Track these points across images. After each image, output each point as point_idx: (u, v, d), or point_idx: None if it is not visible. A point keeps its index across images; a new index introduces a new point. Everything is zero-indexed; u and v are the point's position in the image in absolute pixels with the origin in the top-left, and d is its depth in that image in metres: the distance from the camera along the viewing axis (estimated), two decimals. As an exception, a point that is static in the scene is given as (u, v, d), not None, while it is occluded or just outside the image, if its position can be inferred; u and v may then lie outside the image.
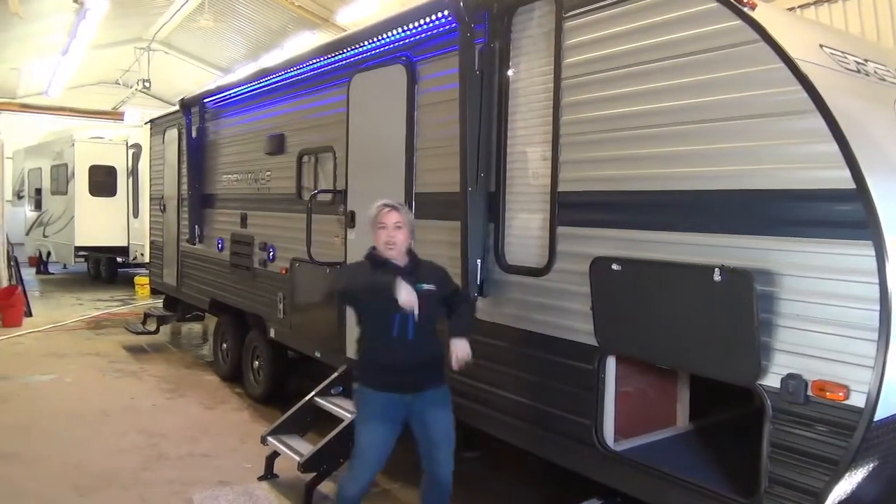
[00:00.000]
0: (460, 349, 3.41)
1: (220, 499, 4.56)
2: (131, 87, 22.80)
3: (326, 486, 4.65)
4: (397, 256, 3.45)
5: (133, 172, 15.05)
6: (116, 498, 4.60)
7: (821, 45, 3.00)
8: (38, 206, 17.25)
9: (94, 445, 5.55)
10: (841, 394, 2.48)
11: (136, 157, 14.85)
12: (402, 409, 3.47)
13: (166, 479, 4.91)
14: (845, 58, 3.03)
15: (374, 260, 3.48)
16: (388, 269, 3.39)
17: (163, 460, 5.28)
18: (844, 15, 9.11)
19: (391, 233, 3.40)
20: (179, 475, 4.97)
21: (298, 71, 6.02)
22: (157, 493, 4.67)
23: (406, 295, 3.18)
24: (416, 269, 3.47)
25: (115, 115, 22.09)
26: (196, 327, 10.96)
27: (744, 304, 2.64)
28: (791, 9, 8.38)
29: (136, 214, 14.95)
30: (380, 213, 3.45)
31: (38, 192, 17.15)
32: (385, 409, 3.45)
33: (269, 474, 4.89)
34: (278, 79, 6.38)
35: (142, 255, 14.55)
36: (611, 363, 3.34)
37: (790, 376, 2.61)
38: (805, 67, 2.61)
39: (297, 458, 4.49)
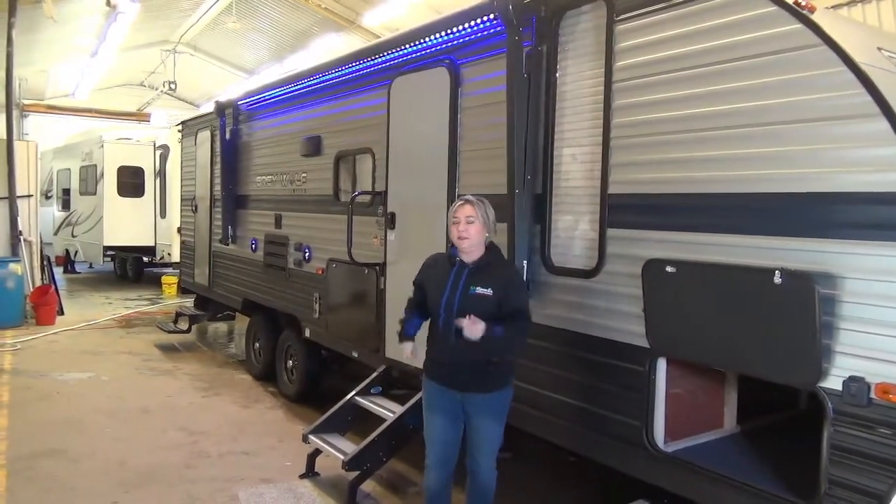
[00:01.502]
0: (473, 324, 3.24)
1: (264, 496, 4.62)
2: (157, 89, 23.05)
3: (369, 485, 4.70)
4: (469, 250, 3.48)
5: (160, 173, 15.26)
6: (163, 494, 4.67)
7: (879, 48, 3.00)
8: (66, 206, 17.51)
9: (137, 442, 5.65)
10: (905, 397, 2.48)
11: (164, 158, 15.06)
12: (458, 404, 3.54)
13: (210, 476, 4.98)
14: (903, 61, 3.02)
15: (450, 254, 3.59)
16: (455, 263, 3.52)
17: (204, 457, 5.35)
18: (878, 14, 9.03)
19: (462, 227, 3.45)
20: (222, 472, 5.04)
21: (336, 74, 6.07)
22: (202, 489, 4.74)
23: (407, 352, 3.59)
24: (482, 269, 3.48)
25: (141, 116, 22.41)
26: (222, 326, 11.08)
27: (805, 307, 2.64)
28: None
29: (163, 215, 15.16)
30: (454, 208, 3.53)
31: (67, 192, 17.42)
32: (440, 399, 3.56)
33: (310, 472, 4.94)
34: (315, 82, 6.44)
35: (169, 254, 14.77)
36: (661, 365, 3.35)
37: (852, 379, 2.61)
38: (868, 71, 2.62)
39: (341, 457, 4.53)
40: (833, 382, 2.67)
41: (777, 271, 2.72)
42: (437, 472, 3.63)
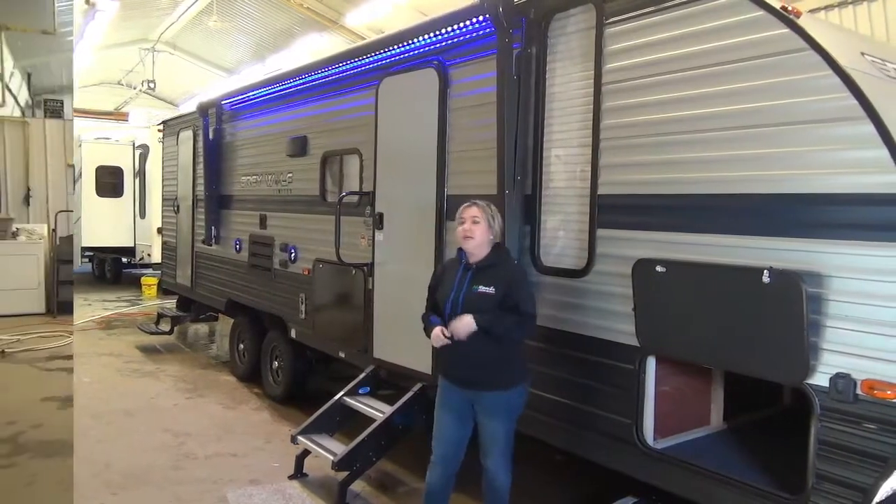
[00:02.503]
0: (462, 322, 3.39)
1: (253, 497, 4.60)
2: (135, 88, 22.82)
3: (358, 485, 4.70)
4: (474, 250, 3.55)
5: (140, 173, 15.10)
6: (151, 496, 4.64)
7: (862, 53, 3.07)
8: (42, 206, 17.25)
9: (122, 444, 5.60)
10: (890, 392, 2.55)
11: (143, 158, 14.90)
12: (467, 404, 3.57)
13: (197, 477, 4.95)
14: (885, 65, 3.10)
15: (459, 256, 3.66)
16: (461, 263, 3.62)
17: (191, 459, 5.32)
18: (854, 19, 9.22)
19: (467, 227, 3.54)
20: (209, 474, 5.02)
21: (324, 74, 6.07)
22: (190, 491, 4.71)
23: (437, 333, 3.51)
24: (486, 269, 3.52)
25: (119, 115, 22.14)
26: (203, 328, 10.99)
27: (793, 305, 2.70)
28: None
29: (142, 215, 15.00)
30: (461, 209, 3.62)
31: (43, 192, 17.16)
32: (450, 397, 3.61)
33: (299, 473, 4.93)
34: (302, 82, 6.43)
35: (148, 255, 14.60)
36: (651, 363, 3.40)
37: (839, 375, 2.67)
38: (853, 75, 2.68)
39: (331, 457, 4.53)
40: (820, 379, 2.73)
41: (765, 270, 2.78)
42: (440, 469, 3.64)
